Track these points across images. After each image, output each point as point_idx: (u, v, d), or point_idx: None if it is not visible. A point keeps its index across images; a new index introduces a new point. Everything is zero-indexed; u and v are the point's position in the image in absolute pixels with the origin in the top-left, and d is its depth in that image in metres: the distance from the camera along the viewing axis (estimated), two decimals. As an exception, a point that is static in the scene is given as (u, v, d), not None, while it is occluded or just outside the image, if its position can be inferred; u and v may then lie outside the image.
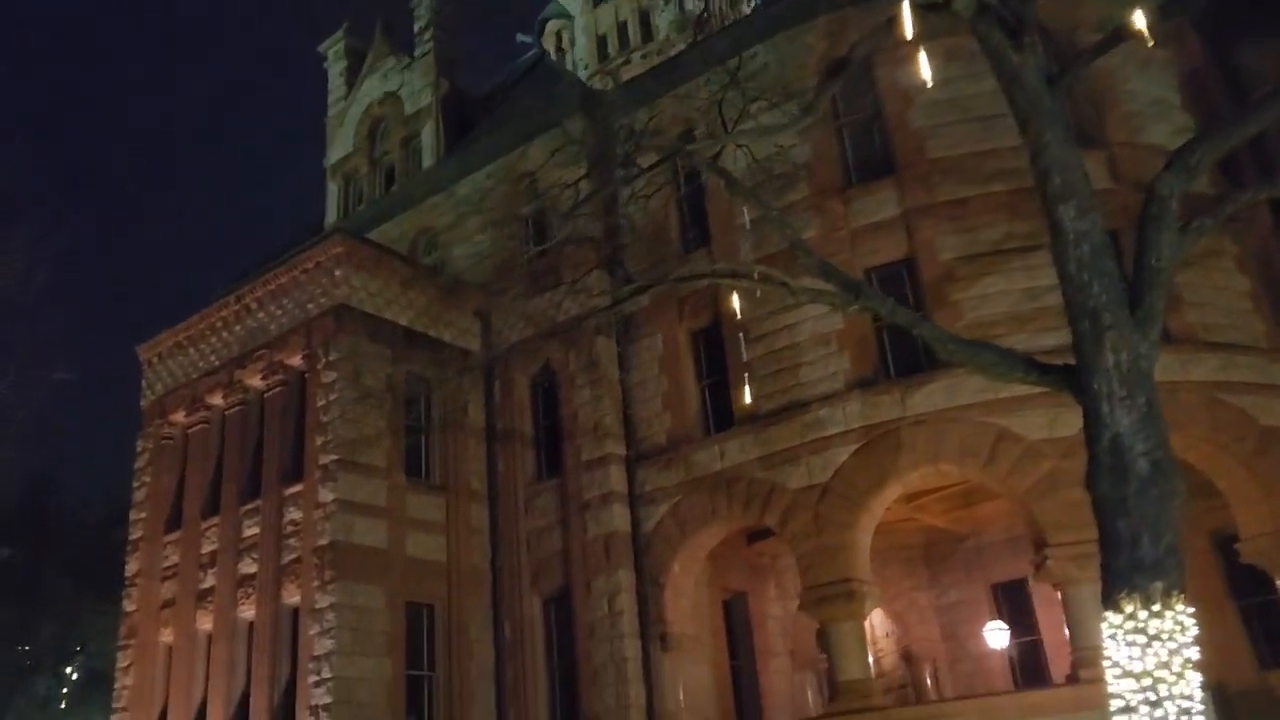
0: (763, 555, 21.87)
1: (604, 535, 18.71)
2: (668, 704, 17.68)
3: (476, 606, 19.47)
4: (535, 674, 19.00)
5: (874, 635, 23.33)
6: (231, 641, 18.73)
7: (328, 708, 16.56)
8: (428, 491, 19.69)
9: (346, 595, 17.34)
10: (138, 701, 19.80)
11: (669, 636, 18.04)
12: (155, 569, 20.70)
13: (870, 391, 17.03)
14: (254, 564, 18.91)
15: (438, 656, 18.74)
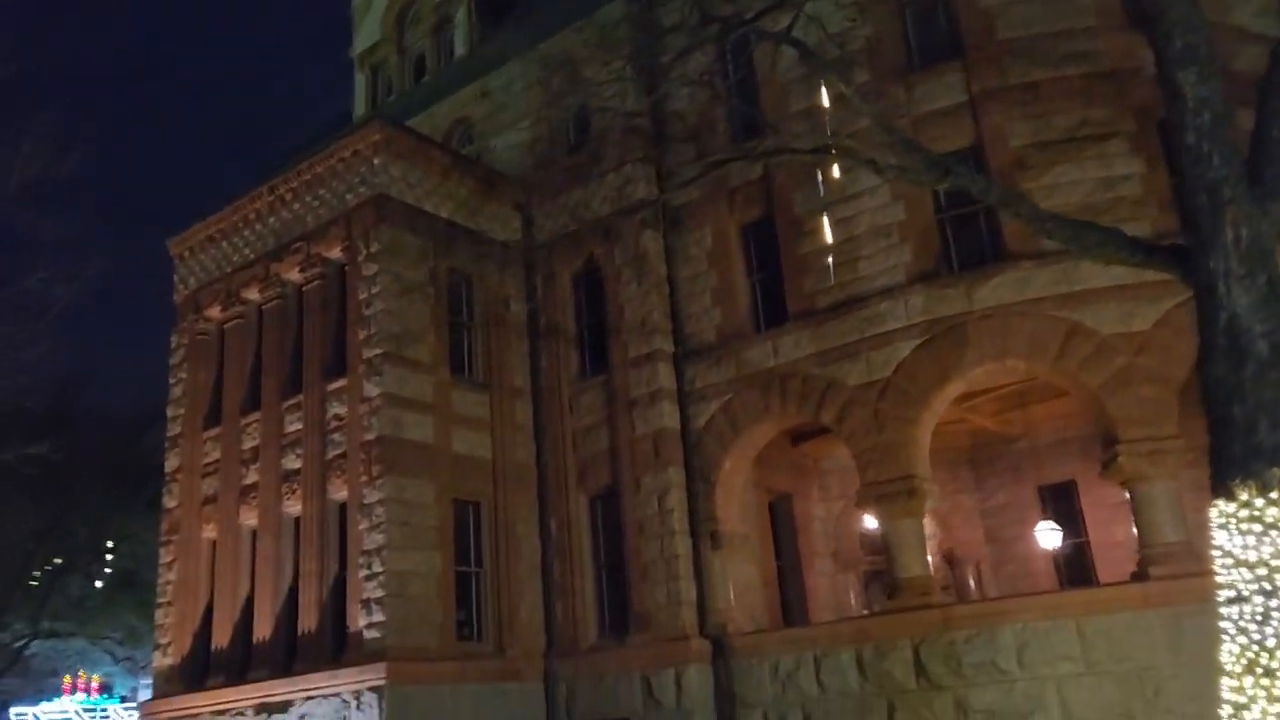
0: (807, 457, 21.60)
1: (653, 433, 18.36)
2: (718, 601, 17.55)
3: (523, 504, 19.27)
4: (582, 571, 18.88)
5: (915, 537, 23.26)
6: (277, 536, 18.59)
7: (380, 601, 16.45)
8: (472, 388, 19.32)
9: (395, 490, 17.10)
10: (182, 595, 19.79)
11: (719, 534, 17.83)
12: (195, 465, 20.49)
13: (934, 285, 16.44)
14: (298, 460, 18.66)
15: (485, 553, 18.61)
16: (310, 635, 17.34)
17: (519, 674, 18.05)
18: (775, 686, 16.37)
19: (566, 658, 18.40)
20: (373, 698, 15.91)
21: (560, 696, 18.26)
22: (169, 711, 18.98)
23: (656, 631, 17.35)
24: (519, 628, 18.36)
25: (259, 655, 17.99)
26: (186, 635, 19.47)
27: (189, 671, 19.17)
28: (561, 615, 18.77)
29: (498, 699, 17.52)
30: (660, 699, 16.92)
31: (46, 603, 35.23)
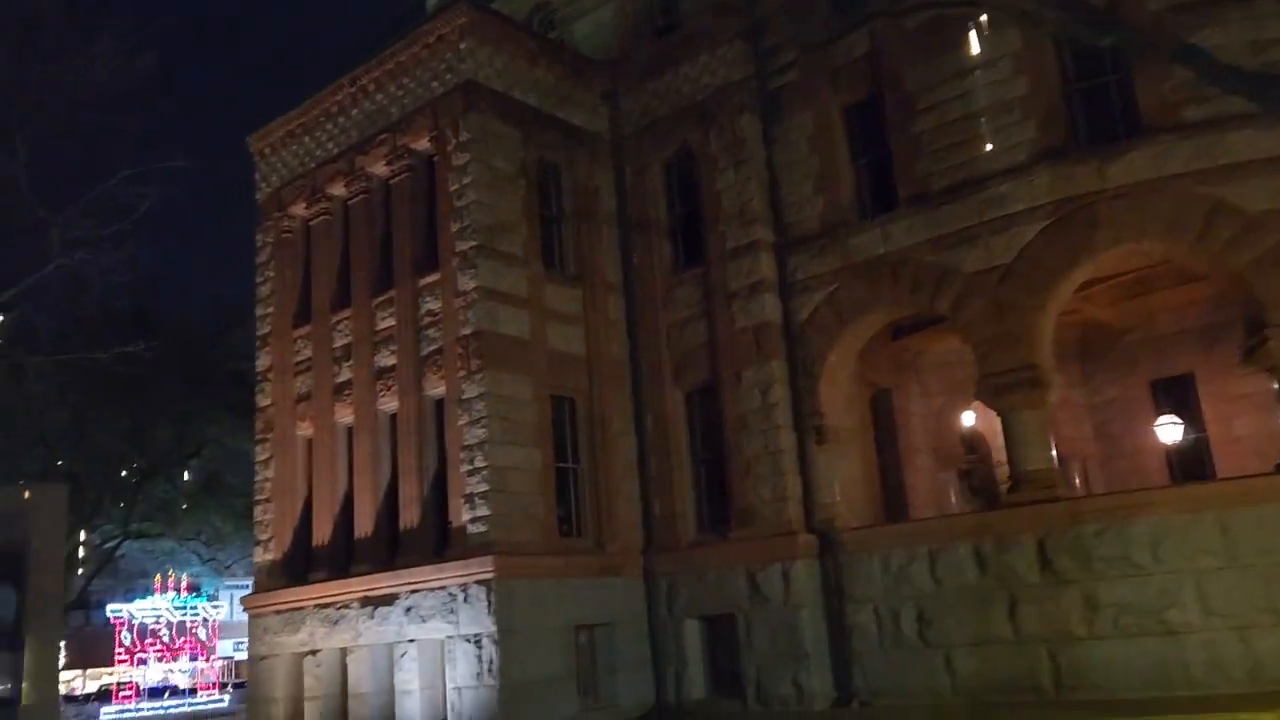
0: (906, 351, 20.88)
1: (754, 326, 17.75)
2: (823, 496, 17.13)
3: (617, 400, 18.90)
4: (680, 467, 18.54)
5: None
6: (374, 433, 18.46)
7: (483, 496, 16.28)
8: (564, 283, 18.80)
9: (494, 385, 16.77)
10: (280, 492, 19.87)
11: (824, 429, 17.30)
12: (287, 363, 20.37)
13: (1061, 163, 15.40)
14: (391, 356, 18.39)
15: (581, 449, 18.33)
16: (412, 530, 17.30)
17: (619, 569, 17.91)
18: (886, 581, 16.00)
19: (665, 554, 18.21)
20: (480, 591, 15.85)
21: (660, 592, 18.12)
22: (273, 605, 19.22)
23: (761, 527, 17.03)
24: (617, 524, 18.16)
25: (361, 550, 18.04)
26: (286, 531, 19.60)
27: (290, 566, 19.35)
28: (659, 512, 18.52)
29: (599, 594, 17.42)
30: (766, 594, 16.68)
31: (135, 505, 36.12)
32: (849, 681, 16.13)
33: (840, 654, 16.32)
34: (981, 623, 14.96)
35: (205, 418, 35.34)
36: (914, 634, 15.60)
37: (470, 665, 15.73)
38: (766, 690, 16.45)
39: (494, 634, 15.58)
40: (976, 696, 14.79)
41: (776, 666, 16.40)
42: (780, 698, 16.25)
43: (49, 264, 19.23)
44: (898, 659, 15.74)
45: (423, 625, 16.58)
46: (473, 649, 15.77)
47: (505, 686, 15.39)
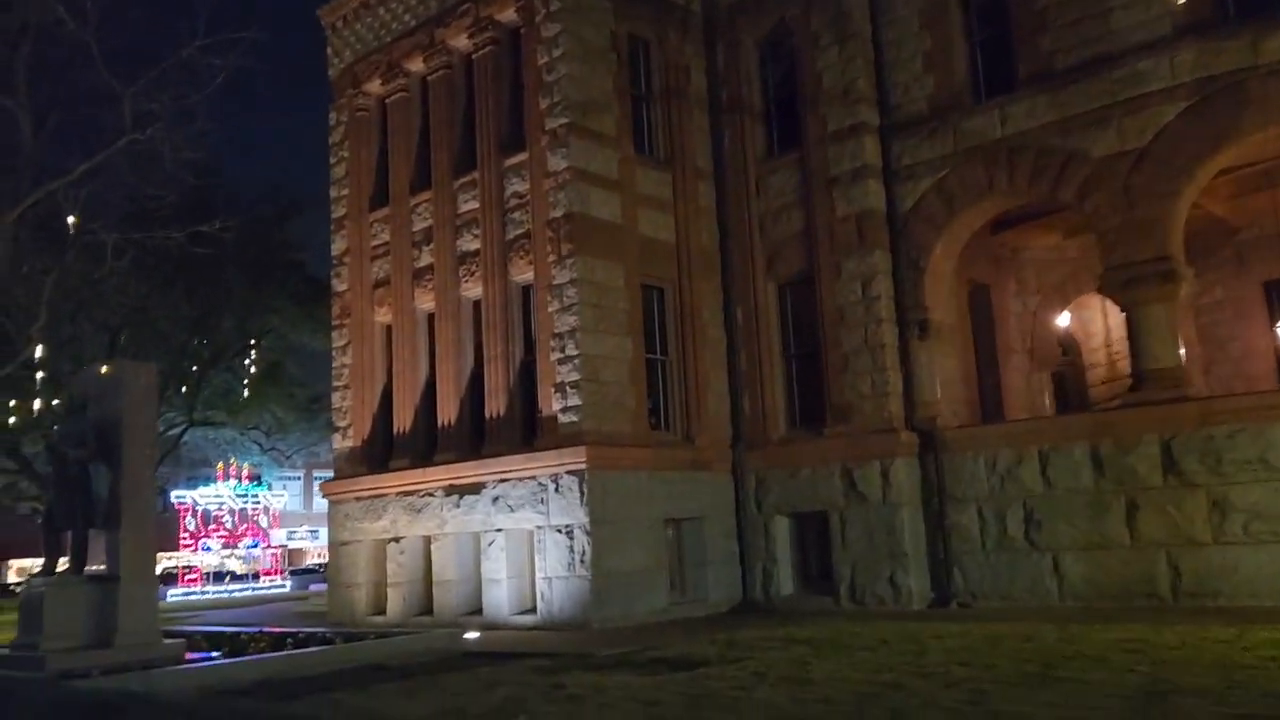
0: (1005, 247, 19.93)
1: (855, 214, 16.85)
2: (924, 393, 16.46)
3: (707, 291, 18.19)
4: (771, 361, 17.91)
5: (1109, 337, 21.66)
6: (456, 320, 17.96)
7: (575, 385, 15.78)
8: (654, 166, 17.93)
9: (586, 270, 16.12)
10: (359, 379, 19.56)
11: (928, 324, 16.52)
12: (364, 248, 19.82)
13: (1208, 38, 14.15)
14: (475, 240, 17.75)
15: (670, 341, 17.72)
16: (499, 419, 16.91)
17: (708, 464, 17.48)
18: (993, 481, 15.40)
19: (755, 450, 17.73)
20: (572, 481, 15.49)
21: (749, 488, 17.70)
22: (353, 492, 19.08)
23: (859, 424, 16.43)
24: (706, 419, 17.65)
25: (445, 438, 17.73)
26: (366, 418, 19.34)
27: (371, 454, 19.14)
28: (749, 407, 17.97)
29: (688, 488, 17.03)
30: (863, 492, 16.18)
31: (199, 393, 36.23)
32: (947, 582, 15.70)
33: (938, 555, 15.86)
34: (1095, 526, 14.36)
35: (266, 307, 35.08)
36: (1020, 536, 15.06)
37: (561, 556, 15.47)
38: (860, 589, 16.08)
39: (586, 525, 15.27)
40: (1086, 602, 14.30)
41: (872, 565, 16.00)
42: (875, 597, 15.88)
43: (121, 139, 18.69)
44: (1000, 561, 15.25)
45: (511, 515, 16.31)
46: (564, 539, 15.48)
47: (597, 577, 15.14)
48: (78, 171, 18.96)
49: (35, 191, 19.28)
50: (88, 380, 13.61)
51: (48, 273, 21.34)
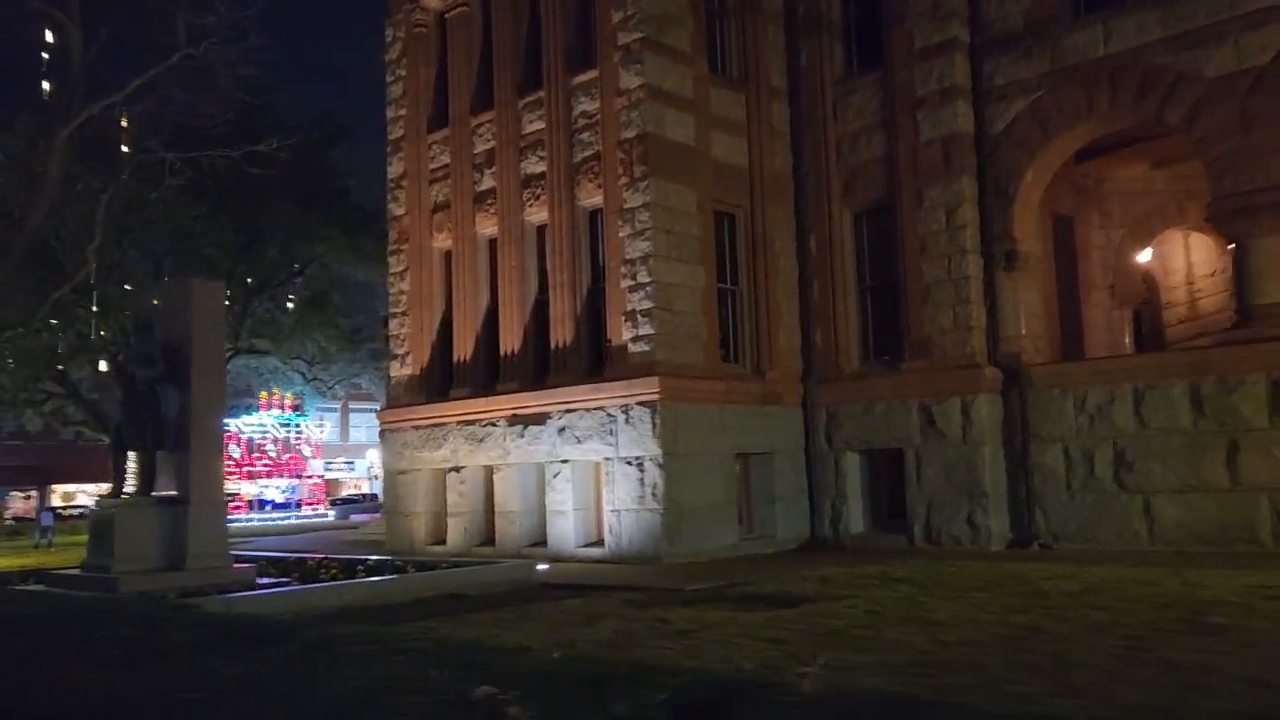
0: (1088, 178, 19.00)
1: (942, 138, 16.01)
2: (1009, 328, 15.78)
3: (780, 218, 17.48)
4: (845, 293, 17.25)
5: (1191, 274, 20.79)
6: (520, 246, 17.39)
7: (648, 313, 15.23)
8: (728, 86, 17.12)
9: (660, 194, 15.45)
10: (417, 305, 19.10)
11: (1015, 255, 15.78)
12: (422, 171, 19.21)
13: (1342, -54, 13.11)
14: (540, 163, 17.09)
15: (741, 271, 17.09)
16: (565, 348, 16.42)
17: (779, 398, 16.95)
18: (1081, 420, 14.77)
19: (826, 384, 17.17)
20: (643, 413, 15.01)
21: (820, 423, 17.18)
22: (411, 420, 18.75)
23: (939, 358, 15.80)
24: (777, 351, 17.08)
25: (508, 367, 17.28)
26: (424, 346, 18.92)
27: (430, 382, 18.76)
28: (821, 340, 17.37)
29: (758, 422, 16.53)
30: (942, 429, 15.60)
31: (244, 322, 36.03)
32: (1029, 523, 15.17)
33: (1019, 495, 15.31)
34: (1192, 468, 13.73)
35: (313, 235, 34.62)
36: (1109, 477, 14.46)
37: (631, 488, 15.07)
38: (936, 528, 15.60)
39: (658, 457, 14.82)
40: (1178, 546, 13.73)
41: (949, 505, 15.49)
42: (952, 537, 15.40)
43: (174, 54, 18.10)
44: (1086, 503, 14.68)
45: (578, 446, 15.90)
46: (634, 472, 15.07)
47: (669, 511, 14.74)
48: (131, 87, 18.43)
49: (87, 108, 18.78)
50: (157, 299, 13.20)
51: (102, 191, 20.95)
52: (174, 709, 4.95)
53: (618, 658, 6.43)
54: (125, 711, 4.89)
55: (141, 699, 5.15)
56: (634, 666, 5.87)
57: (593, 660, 6.29)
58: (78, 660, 6.13)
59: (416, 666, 5.67)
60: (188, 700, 4.96)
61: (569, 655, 6.43)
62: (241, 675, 5.54)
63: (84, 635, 6.74)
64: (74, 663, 6.01)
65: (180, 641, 6.37)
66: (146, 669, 5.75)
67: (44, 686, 5.47)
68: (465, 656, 6.07)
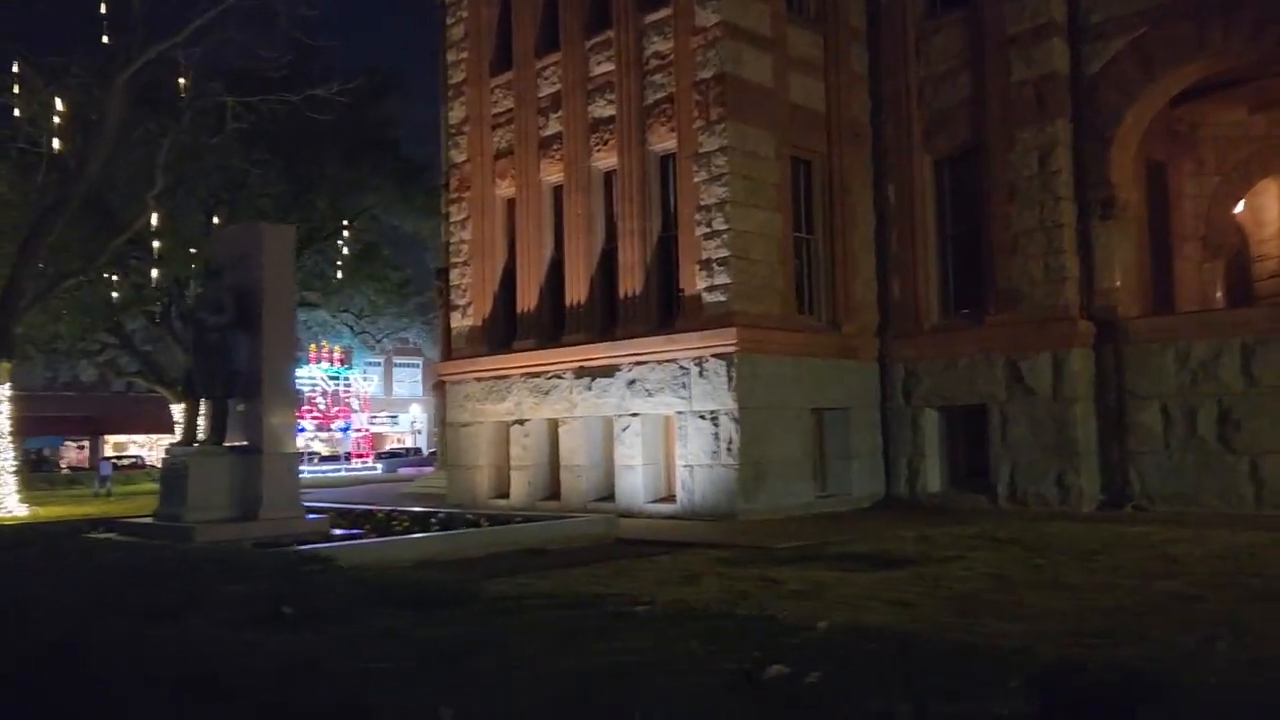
0: (1182, 122, 18.02)
1: (1035, 78, 15.17)
2: (1103, 279, 15.01)
3: (857, 165, 16.77)
4: (925, 242, 16.54)
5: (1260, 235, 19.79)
6: (587, 193, 16.82)
7: (724, 262, 14.64)
8: (805, 25, 16.36)
9: (738, 138, 14.79)
10: (479, 255, 18.64)
11: (1112, 202, 14.97)
12: (484, 115, 18.64)
13: None
14: (609, 106, 16.47)
15: (816, 219, 16.42)
16: (634, 298, 15.91)
17: (855, 352, 16.35)
18: (1182, 377, 14.05)
19: (904, 338, 16.53)
20: (719, 365, 14.49)
21: (897, 378, 16.58)
22: (473, 372, 18.37)
23: (1028, 311, 15.10)
24: (853, 303, 16.46)
25: (574, 318, 16.81)
26: (486, 296, 18.49)
27: (492, 333, 18.34)
28: (899, 292, 16.71)
29: (834, 376, 15.95)
30: (1030, 385, 14.94)
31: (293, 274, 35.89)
32: (1122, 484, 14.53)
33: (1112, 455, 14.66)
34: (1304, 428, 13.01)
35: (363, 186, 34.22)
36: (1212, 437, 13.76)
37: (705, 443, 14.60)
38: (1021, 489, 14.99)
39: (734, 411, 14.32)
40: (1286, 508, 13.06)
41: (1037, 464, 14.87)
42: (1038, 497, 14.79)
43: (233, -6, 17.59)
44: (1186, 464, 13.99)
45: (648, 399, 15.43)
46: (708, 426, 14.58)
47: (744, 466, 14.26)
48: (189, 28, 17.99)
49: (146, 52, 18.37)
50: (225, 244, 12.85)
51: (163, 135, 20.61)
52: (380, 679, 3.96)
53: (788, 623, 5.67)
54: (319, 679, 3.90)
55: (328, 666, 4.17)
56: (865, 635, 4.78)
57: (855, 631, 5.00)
58: (222, 619, 5.18)
59: (655, 636, 4.63)
60: (383, 671, 4.01)
61: (834, 625, 5.27)
62: (441, 640, 4.58)
63: (208, 590, 5.94)
64: (219, 622, 5.04)
65: (335, 599, 5.50)
66: (306, 631, 4.91)
67: (199, 649, 4.53)
68: (695, 624, 4.98)
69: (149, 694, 3.68)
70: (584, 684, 3.65)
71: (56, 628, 4.13)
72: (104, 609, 4.15)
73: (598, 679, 3.70)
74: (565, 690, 3.62)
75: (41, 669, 3.77)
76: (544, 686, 3.68)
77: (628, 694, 3.45)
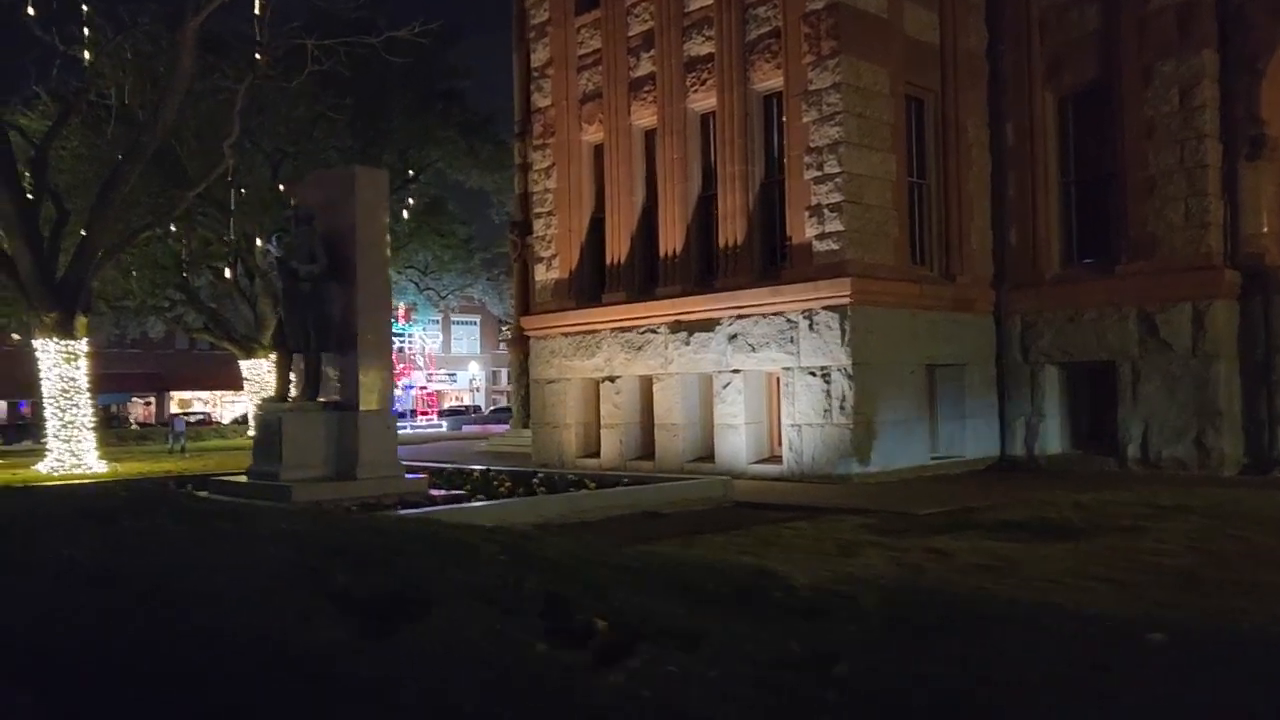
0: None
1: (1177, 5, 13.90)
2: (1249, 225, 13.82)
3: (973, 104, 15.63)
4: (1046, 186, 15.40)
5: None
6: (682, 137, 15.90)
7: (837, 208, 13.68)
8: (919, -49, 15.18)
9: (851, 73, 13.75)
10: (564, 204, 17.84)
11: (1263, 140, 13.72)
12: (569, 57, 17.75)
13: None
14: (707, 43, 15.48)
15: (929, 162, 15.35)
16: (734, 248, 15.03)
17: (970, 304, 15.35)
18: (1342, 330, 12.89)
19: (1024, 289, 15.48)
20: (830, 318, 13.59)
21: (1014, 332, 15.56)
22: (559, 327, 17.66)
23: (1165, 259, 13.96)
24: (968, 252, 15.42)
25: (668, 270, 15.99)
26: (573, 248, 17.71)
27: (579, 286, 17.59)
28: (1017, 240, 15.63)
29: (949, 330, 14.98)
30: (1167, 339, 13.85)
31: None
32: (1269, 447, 13.45)
33: (1259, 414, 13.57)
34: None
35: (429, 138, 33.54)
36: (1376, 395, 12.63)
37: (815, 400, 13.75)
38: (1154, 450, 13.96)
39: (847, 367, 13.44)
40: None
41: (1172, 424, 13.82)
42: (1174, 460, 13.76)
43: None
44: (1343, 424, 12.88)
45: (751, 355, 14.60)
46: (818, 383, 13.73)
47: (858, 425, 13.40)
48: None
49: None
50: (314, 189, 12.17)
51: (240, 80, 20.01)
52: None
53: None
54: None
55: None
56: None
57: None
58: (490, 625, 2.92)
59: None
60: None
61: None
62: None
63: (434, 573, 3.88)
64: (491, 632, 2.81)
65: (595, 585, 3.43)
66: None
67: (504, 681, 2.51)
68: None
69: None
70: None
71: (284, 642, 2.05)
72: (318, 610, 2.20)
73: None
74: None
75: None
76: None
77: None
